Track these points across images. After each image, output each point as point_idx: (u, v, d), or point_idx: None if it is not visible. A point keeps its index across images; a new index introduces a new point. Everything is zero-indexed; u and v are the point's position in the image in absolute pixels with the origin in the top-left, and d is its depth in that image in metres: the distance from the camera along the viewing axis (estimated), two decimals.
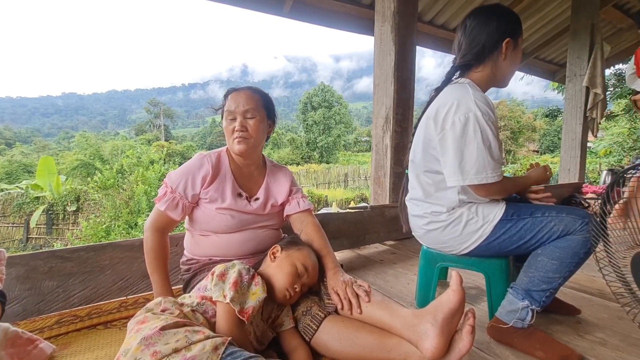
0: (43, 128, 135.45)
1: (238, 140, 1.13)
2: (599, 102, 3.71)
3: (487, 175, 1.03)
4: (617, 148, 11.94)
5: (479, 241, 1.12)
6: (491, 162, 1.03)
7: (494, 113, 1.06)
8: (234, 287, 0.87)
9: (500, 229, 1.09)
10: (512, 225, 1.09)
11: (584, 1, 3.75)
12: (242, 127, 1.12)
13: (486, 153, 1.02)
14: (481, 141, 1.02)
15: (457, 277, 0.85)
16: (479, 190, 1.08)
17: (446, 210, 1.15)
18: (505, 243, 1.11)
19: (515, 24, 1.16)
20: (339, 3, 3.29)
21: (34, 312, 1.20)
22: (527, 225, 1.07)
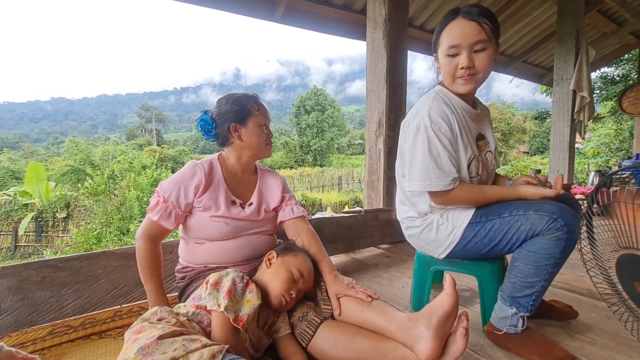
0: (31, 133, 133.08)
1: (270, 147, 1.27)
2: (585, 105, 3.81)
3: (431, 184, 1.05)
4: (605, 149, 12.22)
5: (452, 246, 1.14)
6: (436, 171, 1.04)
7: (449, 124, 1.06)
8: (227, 296, 0.87)
9: (470, 233, 1.10)
10: (481, 228, 1.07)
11: (569, 7, 3.85)
12: (271, 135, 1.27)
13: (431, 162, 1.04)
14: (427, 150, 1.05)
15: (450, 281, 0.87)
16: (433, 197, 1.11)
17: (419, 216, 1.20)
18: (478, 246, 1.10)
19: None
20: (331, 9, 3.33)
21: (26, 323, 1.18)
22: (496, 226, 1.05)
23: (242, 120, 1.18)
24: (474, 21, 0.96)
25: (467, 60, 0.99)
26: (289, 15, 3.17)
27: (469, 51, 0.98)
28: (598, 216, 0.98)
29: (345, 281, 1.07)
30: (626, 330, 1.12)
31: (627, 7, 4.50)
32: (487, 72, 1.02)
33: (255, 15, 3.11)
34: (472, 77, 1.01)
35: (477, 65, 1.00)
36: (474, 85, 1.04)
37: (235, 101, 1.20)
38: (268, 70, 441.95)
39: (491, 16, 0.99)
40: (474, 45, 0.98)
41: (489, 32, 0.97)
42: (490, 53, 0.99)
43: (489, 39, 0.97)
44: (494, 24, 0.99)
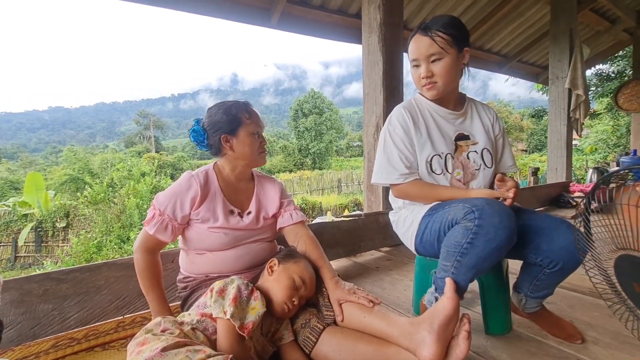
0: (30, 143, 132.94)
1: (264, 155, 1.25)
2: (581, 102, 3.83)
3: (381, 177, 1.22)
4: (602, 145, 12.26)
5: (414, 239, 1.20)
6: (387, 167, 1.20)
7: (405, 126, 1.19)
8: (233, 303, 0.87)
9: (424, 225, 1.15)
10: (430, 220, 1.12)
11: (562, 7, 3.89)
12: (265, 143, 1.25)
13: (384, 158, 1.21)
14: (382, 148, 1.23)
15: (450, 284, 0.88)
16: (391, 190, 1.26)
17: (395, 211, 1.34)
18: (430, 238, 1.12)
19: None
20: (326, 14, 3.35)
21: (29, 336, 1.18)
22: (438, 217, 1.08)
23: (233, 130, 1.16)
24: (427, 36, 1.08)
25: (424, 70, 1.11)
26: (285, 20, 3.20)
27: (427, 62, 1.10)
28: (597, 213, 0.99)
29: (347, 287, 1.07)
30: (627, 329, 1.12)
31: (620, 5, 4.54)
32: (447, 78, 1.11)
33: (251, 22, 3.13)
34: (433, 85, 1.12)
35: (436, 73, 1.10)
36: (436, 92, 1.14)
37: (225, 110, 1.17)
38: (265, 75, 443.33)
39: (448, 26, 1.07)
40: (429, 57, 1.09)
41: (442, 44, 1.06)
42: (447, 62, 1.08)
43: (444, 49, 1.07)
44: (452, 33, 1.07)
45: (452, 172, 1.18)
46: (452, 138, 1.21)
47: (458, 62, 1.11)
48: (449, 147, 1.19)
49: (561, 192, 3.94)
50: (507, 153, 1.31)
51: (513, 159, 1.32)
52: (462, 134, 1.21)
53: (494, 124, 1.28)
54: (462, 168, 1.18)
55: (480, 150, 1.21)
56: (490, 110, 1.31)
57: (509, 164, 1.31)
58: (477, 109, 1.28)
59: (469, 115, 1.26)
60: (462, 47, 1.11)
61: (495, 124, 1.28)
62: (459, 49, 1.10)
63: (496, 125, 1.29)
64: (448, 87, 1.14)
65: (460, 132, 1.21)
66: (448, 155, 1.18)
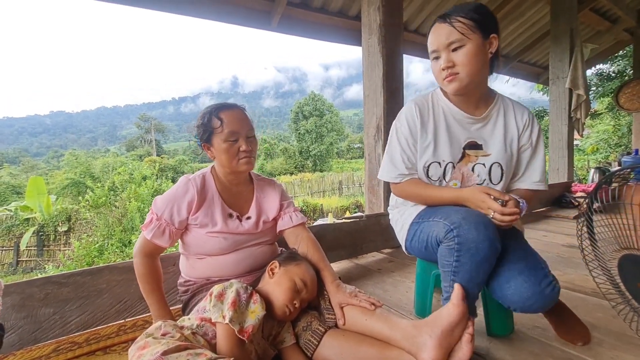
0: (31, 148, 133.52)
1: (246, 161, 1.13)
2: (582, 102, 3.82)
3: (383, 174, 1.20)
4: (604, 145, 12.22)
5: (404, 242, 1.20)
6: (388, 164, 1.18)
7: (411, 124, 1.12)
8: (232, 307, 0.87)
9: (411, 232, 1.15)
10: (417, 229, 1.12)
11: (563, 7, 3.89)
12: (249, 148, 1.12)
13: (388, 155, 1.19)
14: (388, 144, 1.20)
15: (458, 291, 0.85)
16: (391, 187, 1.23)
17: (390, 208, 1.33)
18: (418, 246, 1.13)
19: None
20: (326, 16, 3.36)
21: (30, 341, 1.18)
22: (424, 229, 1.08)
23: (208, 138, 1.12)
24: (445, 22, 0.98)
25: (445, 60, 1.00)
26: (285, 23, 3.21)
27: (447, 51, 0.99)
28: (600, 213, 0.98)
29: (348, 290, 1.07)
30: (631, 329, 1.11)
31: (620, 5, 4.54)
32: (470, 68, 0.98)
33: (251, 25, 3.15)
34: (454, 76, 1.00)
35: (457, 62, 0.98)
36: (458, 84, 1.01)
37: (201, 117, 1.13)
38: (265, 77, 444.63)
39: (470, 11, 0.97)
40: (449, 46, 0.98)
41: (463, 29, 0.95)
42: (469, 48, 0.96)
43: (465, 35, 0.95)
44: (475, 17, 0.96)
45: (449, 182, 1.11)
46: (462, 145, 1.11)
47: (483, 49, 0.98)
48: (453, 156, 1.10)
49: (563, 193, 3.92)
50: (536, 167, 1.13)
51: (543, 174, 1.13)
52: (474, 143, 1.10)
53: (523, 131, 1.12)
54: (461, 180, 1.11)
55: (490, 165, 1.10)
56: (524, 114, 1.13)
57: (534, 179, 1.13)
58: (506, 113, 1.12)
59: (492, 120, 1.12)
60: (488, 33, 0.98)
61: (526, 132, 1.12)
62: (483, 35, 0.97)
63: (526, 133, 1.12)
64: (472, 79, 1.00)
65: (473, 140, 1.10)
66: (449, 164, 1.10)
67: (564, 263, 2.01)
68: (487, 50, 1.00)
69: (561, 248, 2.32)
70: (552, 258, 2.11)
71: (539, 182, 1.13)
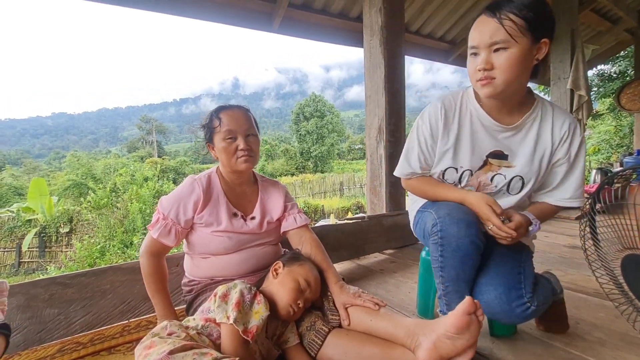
0: (33, 149, 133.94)
1: (245, 159, 1.13)
2: (583, 103, 3.82)
3: (396, 170, 1.20)
4: (605, 145, 12.20)
5: (412, 228, 1.24)
6: (402, 161, 1.17)
7: (434, 125, 1.06)
8: (236, 308, 0.87)
9: (416, 221, 1.20)
10: (420, 218, 1.15)
11: (563, 7, 3.89)
12: (247, 146, 1.13)
13: (404, 151, 1.17)
14: (408, 140, 1.16)
15: (464, 304, 0.81)
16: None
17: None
18: (421, 235, 1.17)
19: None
20: (328, 17, 3.37)
21: (35, 341, 1.19)
22: (423, 217, 1.11)
23: (210, 138, 1.17)
24: (494, 18, 0.85)
25: (483, 61, 0.88)
26: (287, 25, 3.22)
27: (488, 51, 0.88)
28: (602, 214, 0.98)
29: (352, 290, 1.07)
30: (634, 330, 1.12)
31: (621, 5, 4.54)
32: (510, 74, 0.87)
33: (252, 27, 3.16)
34: (490, 81, 0.89)
35: (497, 66, 0.87)
36: (492, 90, 0.90)
37: (205, 118, 1.19)
38: (266, 79, 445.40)
39: (525, 7, 0.84)
40: (492, 45, 0.87)
41: (512, 29, 0.84)
42: (514, 53, 0.85)
43: (512, 36, 0.84)
44: (529, 17, 0.84)
45: (464, 187, 1.06)
46: (485, 154, 1.04)
47: (530, 55, 0.87)
48: (474, 164, 1.04)
49: None
50: (571, 183, 1.02)
51: (577, 190, 1.01)
52: (499, 152, 1.02)
53: (560, 145, 1.00)
54: (477, 187, 1.06)
55: (511, 177, 1.03)
56: (565, 125, 0.99)
57: (565, 196, 1.02)
58: (543, 122, 1.00)
59: (524, 130, 1.01)
60: (539, 36, 0.87)
61: (563, 146, 0.99)
62: (534, 38, 0.86)
63: (564, 146, 0.99)
64: (510, 86, 0.90)
65: (500, 150, 1.02)
66: (467, 171, 1.05)
67: (566, 263, 2.01)
68: (534, 56, 0.89)
69: (563, 248, 2.32)
70: (554, 258, 2.11)
71: (569, 200, 1.02)
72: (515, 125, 0.99)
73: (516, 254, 1.05)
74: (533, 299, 0.96)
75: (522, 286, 0.97)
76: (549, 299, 1.06)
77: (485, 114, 1.01)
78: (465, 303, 0.81)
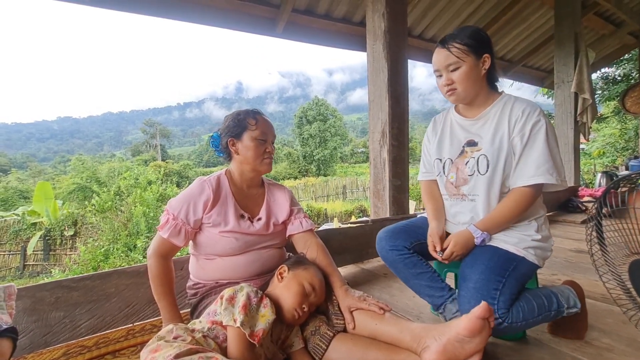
0: (39, 153, 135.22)
1: (268, 162, 1.24)
2: (588, 106, 3.81)
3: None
4: (610, 149, 12.11)
5: None
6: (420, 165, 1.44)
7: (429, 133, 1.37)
8: (243, 311, 0.87)
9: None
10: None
11: (566, 11, 3.90)
12: (273, 151, 1.25)
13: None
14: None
15: (479, 308, 0.82)
16: None
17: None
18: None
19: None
20: (331, 22, 3.40)
21: (41, 344, 1.19)
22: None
23: (239, 134, 1.21)
24: (444, 48, 1.14)
25: (445, 79, 1.17)
26: (290, 30, 3.24)
27: (446, 71, 1.16)
28: (609, 218, 0.98)
29: (357, 294, 1.07)
30: None
31: (624, 9, 4.54)
32: (466, 84, 1.14)
33: (256, 32, 3.19)
34: (453, 91, 1.17)
35: (455, 80, 1.15)
36: (456, 97, 1.18)
37: (234, 117, 1.24)
38: (269, 83, 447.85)
39: (464, 37, 1.12)
40: (448, 67, 1.15)
41: (458, 53, 1.11)
42: (464, 69, 1.13)
43: (460, 58, 1.12)
44: (468, 42, 1.11)
45: (447, 175, 1.26)
46: (462, 144, 1.23)
47: (477, 68, 1.14)
48: (453, 153, 1.25)
49: (570, 197, 3.89)
50: (532, 160, 1.07)
51: (539, 168, 1.06)
52: (472, 141, 1.22)
53: (515, 124, 1.12)
54: (456, 172, 1.24)
55: (477, 157, 1.17)
56: (520, 109, 1.12)
57: (529, 173, 1.07)
58: (505, 109, 1.15)
59: (489, 119, 1.18)
60: (481, 53, 1.13)
61: (517, 125, 1.11)
62: (476, 56, 1.13)
63: (517, 125, 1.11)
64: (469, 93, 1.17)
65: (471, 138, 1.22)
66: (448, 160, 1.26)
67: (572, 268, 1.99)
68: (481, 68, 1.15)
69: (568, 253, 2.30)
70: (560, 263, 2.09)
71: (533, 177, 1.06)
72: (477, 117, 1.22)
73: (501, 269, 1.04)
74: (506, 315, 0.99)
75: (495, 302, 0.99)
76: (540, 317, 1.04)
77: (458, 114, 1.28)
78: (480, 308, 0.82)
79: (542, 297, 1.05)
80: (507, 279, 1.02)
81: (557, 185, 1.08)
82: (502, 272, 1.03)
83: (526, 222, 1.13)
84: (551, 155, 1.06)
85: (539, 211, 1.16)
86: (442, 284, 1.21)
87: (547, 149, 1.06)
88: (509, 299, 1.00)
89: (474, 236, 1.12)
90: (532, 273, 1.11)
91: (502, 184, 1.13)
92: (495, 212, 1.12)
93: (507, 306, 0.99)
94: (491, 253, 1.08)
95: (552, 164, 1.06)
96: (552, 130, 1.10)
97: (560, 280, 1.67)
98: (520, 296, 1.04)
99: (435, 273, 1.23)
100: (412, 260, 1.23)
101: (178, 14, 2.70)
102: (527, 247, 1.08)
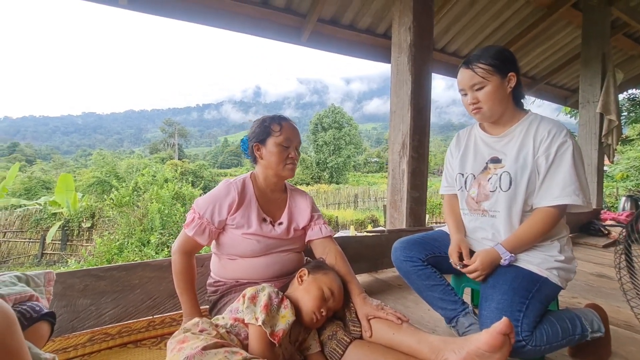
0: (62, 146, 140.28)
1: (291, 167, 1.26)
2: (613, 128, 3.72)
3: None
4: (634, 172, 11.68)
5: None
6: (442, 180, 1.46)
7: (452, 149, 1.39)
8: (265, 310, 0.90)
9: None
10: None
11: (594, 31, 3.84)
12: (296, 156, 1.27)
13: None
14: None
15: (501, 324, 0.82)
16: None
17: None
18: None
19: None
20: (355, 33, 3.45)
21: (67, 329, 1.24)
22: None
23: (263, 140, 1.24)
24: (468, 68, 1.16)
25: (470, 98, 1.19)
26: (315, 39, 3.31)
27: (471, 91, 1.18)
28: (637, 243, 0.96)
29: (375, 303, 1.08)
30: None
31: None
32: (491, 104, 1.16)
33: (282, 39, 3.27)
34: (479, 110, 1.18)
35: (480, 99, 1.16)
36: (481, 116, 1.20)
37: (260, 122, 1.27)
38: (287, 88, 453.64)
39: (488, 57, 1.14)
40: (473, 87, 1.16)
41: (482, 73, 1.13)
42: (489, 89, 1.14)
43: (485, 78, 1.13)
44: (493, 63, 1.13)
45: (469, 190, 1.27)
46: (486, 160, 1.24)
47: (502, 87, 1.15)
48: (476, 168, 1.26)
49: (591, 219, 3.78)
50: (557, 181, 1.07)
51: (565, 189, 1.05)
52: (495, 158, 1.22)
53: (540, 144, 1.11)
54: (478, 187, 1.24)
55: (500, 173, 1.17)
56: (546, 129, 1.12)
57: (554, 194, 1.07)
58: (530, 128, 1.16)
59: (514, 137, 1.18)
60: (506, 72, 1.15)
61: (543, 145, 1.10)
62: (502, 75, 1.14)
63: (543, 145, 1.10)
64: (494, 111, 1.18)
65: (495, 155, 1.22)
66: (470, 175, 1.27)
67: (594, 292, 1.94)
68: (507, 87, 1.16)
69: (590, 277, 2.24)
70: (581, 287, 2.04)
71: (557, 198, 1.06)
72: (503, 134, 1.22)
73: (524, 290, 1.03)
74: (530, 338, 0.96)
75: (519, 324, 0.97)
76: (564, 340, 1.02)
77: (482, 131, 1.30)
78: (502, 323, 0.81)
79: (566, 321, 1.03)
80: (531, 301, 1.00)
81: (582, 207, 1.07)
82: (525, 294, 1.01)
83: (549, 242, 1.12)
84: (577, 176, 1.06)
85: (562, 231, 1.15)
86: (455, 297, 1.21)
87: (574, 170, 1.06)
88: (533, 321, 0.98)
89: (502, 257, 1.09)
90: (555, 295, 1.10)
91: (524, 202, 1.12)
92: (520, 231, 1.10)
93: (530, 328, 0.97)
94: (515, 273, 1.07)
95: (578, 185, 1.05)
96: (579, 151, 1.11)
97: (581, 304, 1.63)
98: (543, 319, 1.02)
99: (448, 286, 1.23)
100: (426, 272, 1.24)
101: (208, 20, 2.80)
102: (550, 267, 1.07)
